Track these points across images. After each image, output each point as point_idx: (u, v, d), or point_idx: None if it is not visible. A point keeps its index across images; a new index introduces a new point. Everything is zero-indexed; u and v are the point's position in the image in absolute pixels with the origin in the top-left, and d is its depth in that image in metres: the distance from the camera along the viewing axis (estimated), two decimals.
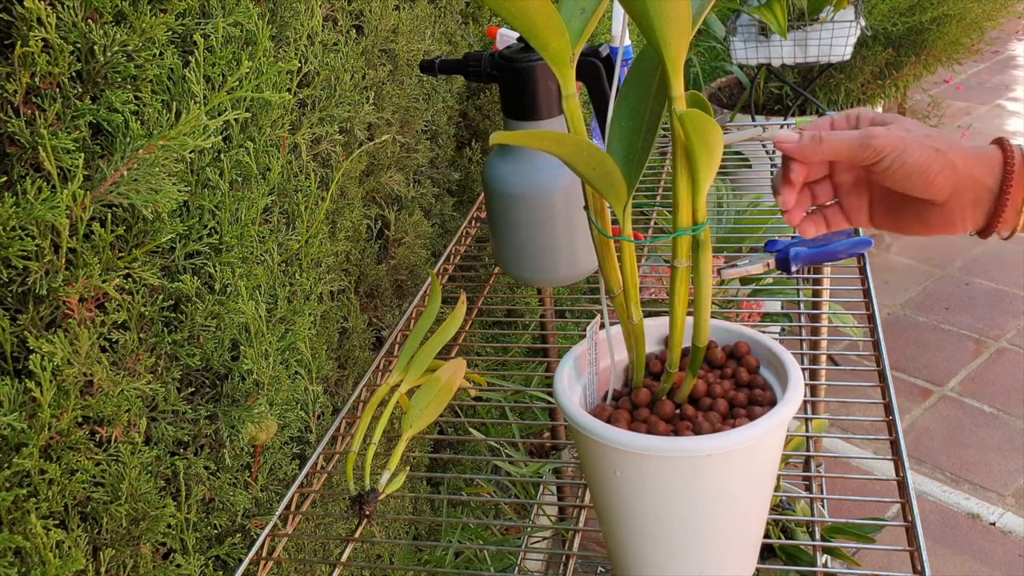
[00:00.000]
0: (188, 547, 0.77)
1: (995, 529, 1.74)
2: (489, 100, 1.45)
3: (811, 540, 0.72)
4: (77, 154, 0.62)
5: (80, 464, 0.66)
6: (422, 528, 1.37)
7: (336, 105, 0.97)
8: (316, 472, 0.82)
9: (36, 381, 0.61)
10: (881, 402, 0.81)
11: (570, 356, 0.61)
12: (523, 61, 0.90)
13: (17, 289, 0.62)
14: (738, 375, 0.60)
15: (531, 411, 1.59)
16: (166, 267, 0.76)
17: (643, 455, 0.52)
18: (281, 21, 0.89)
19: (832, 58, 2.20)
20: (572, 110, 0.51)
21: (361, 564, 0.84)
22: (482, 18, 1.45)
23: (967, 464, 1.90)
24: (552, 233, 0.95)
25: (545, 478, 1.53)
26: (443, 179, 1.36)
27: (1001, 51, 4.21)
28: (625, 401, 0.59)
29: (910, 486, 0.71)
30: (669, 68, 0.47)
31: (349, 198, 1.04)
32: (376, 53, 1.10)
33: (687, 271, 0.54)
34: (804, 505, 1.36)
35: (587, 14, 0.51)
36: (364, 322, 1.10)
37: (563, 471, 1.56)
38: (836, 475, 0.81)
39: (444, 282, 1.12)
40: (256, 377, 0.82)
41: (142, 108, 0.69)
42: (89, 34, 0.63)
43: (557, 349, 1.22)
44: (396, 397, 0.80)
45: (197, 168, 0.76)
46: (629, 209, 0.52)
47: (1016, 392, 2.07)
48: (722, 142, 0.48)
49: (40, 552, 0.60)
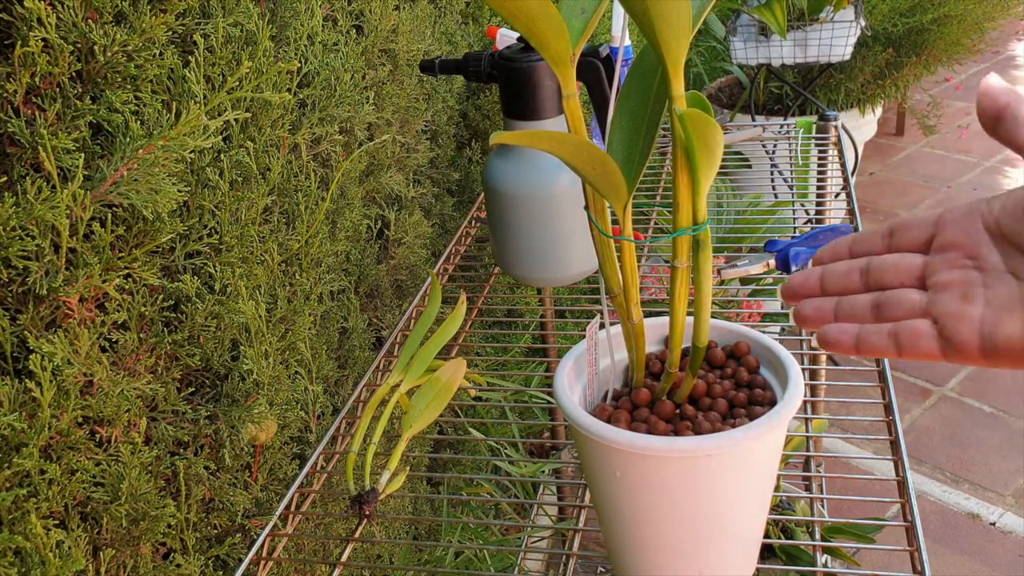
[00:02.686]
0: (188, 547, 0.77)
1: (995, 529, 1.74)
2: (489, 100, 1.45)
3: (811, 540, 0.72)
4: (77, 154, 0.62)
5: (80, 464, 0.66)
6: (422, 528, 1.37)
7: (336, 105, 0.97)
8: (316, 472, 0.82)
9: (36, 381, 0.61)
10: (881, 402, 0.81)
11: (570, 356, 0.61)
12: (523, 61, 0.90)
13: (17, 289, 0.62)
14: (738, 375, 0.60)
15: (531, 411, 1.59)
16: (166, 267, 0.76)
17: (643, 455, 0.52)
18: (281, 21, 0.89)
19: (832, 58, 2.20)
20: (572, 110, 0.51)
21: (361, 564, 0.84)
22: (482, 18, 1.45)
23: (967, 464, 1.90)
24: (552, 233, 0.95)
25: (545, 478, 1.53)
26: (443, 179, 1.36)
27: (1001, 51, 4.21)
28: (625, 401, 0.59)
29: (910, 486, 0.71)
30: (669, 68, 0.47)
31: (349, 198, 1.04)
32: (376, 53, 1.10)
33: (687, 271, 0.53)
34: (804, 505, 1.36)
35: (587, 14, 0.51)
36: (364, 322, 1.10)
37: (563, 471, 1.56)
38: (836, 475, 0.81)
39: (444, 282, 1.12)
40: (256, 377, 0.82)
41: (142, 108, 0.69)
42: (89, 34, 0.63)
43: (557, 349, 1.22)
44: (396, 397, 0.80)
45: (197, 168, 0.76)
46: (629, 209, 0.52)
47: (1016, 392, 2.07)
48: (722, 142, 0.48)
49: (40, 552, 0.60)
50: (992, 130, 0.41)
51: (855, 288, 0.45)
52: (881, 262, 0.44)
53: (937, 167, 3.21)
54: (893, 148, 3.40)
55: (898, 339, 0.41)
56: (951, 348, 0.40)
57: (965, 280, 0.40)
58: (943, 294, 0.41)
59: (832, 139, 1.39)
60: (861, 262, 0.45)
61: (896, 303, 0.42)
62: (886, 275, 0.44)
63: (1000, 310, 0.38)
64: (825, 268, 0.46)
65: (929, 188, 3.08)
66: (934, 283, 0.41)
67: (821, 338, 0.45)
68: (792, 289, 0.47)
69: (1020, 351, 0.38)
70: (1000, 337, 0.38)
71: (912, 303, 0.42)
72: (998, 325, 0.38)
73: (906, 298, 0.42)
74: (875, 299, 0.43)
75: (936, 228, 0.43)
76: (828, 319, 0.45)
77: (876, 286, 0.44)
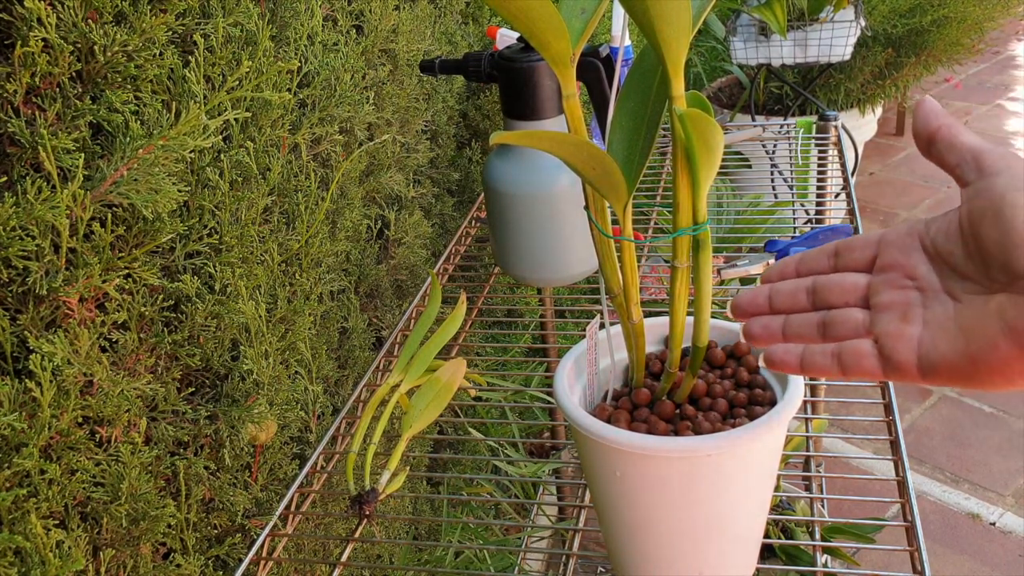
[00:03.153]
0: (188, 547, 0.77)
1: (995, 529, 1.74)
2: (489, 100, 1.45)
3: (811, 540, 0.72)
4: (77, 154, 0.62)
5: (80, 464, 0.66)
6: (422, 528, 1.37)
7: (336, 105, 0.97)
8: (316, 472, 0.82)
9: (36, 381, 0.61)
10: (881, 402, 0.81)
11: (570, 356, 0.61)
12: (523, 61, 0.90)
13: (17, 289, 0.62)
14: (738, 375, 0.60)
15: (531, 411, 1.59)
16: (166, 267, 0.76)
17: (643, 455, 0.52)
18: (281, 21, 0.89)
19: (832, 58, 2.21)
20: (572, 110, 0.51)
21: (361, 564, 0.84)
22: (482, 18, 1.45)
23: (967, 464, 1.90)
24: (552, 233, 0.95)
25: (545, 478, 1.53)
26: (443, 179, 1.36)
27: (1001, 51, 4.22)
28: (625, 401, 0.59)
29: (910, 486, 0.71)
30: (670, 68, 0.47)
31: (349, 198, 1.04)
32: (376, 53, 1.10)
33: (687, 271, 0.53)
34: (804, 505, 1.36)
35: (587, 14, 0.51)
36: (364, 322, 1.10)
37: (563, 471, 1.56)
38: (836, 475, 0.81)
39: (444, 282, 1.12)
40: (256, 377, 0.82)
41: (142, 108, 0.69)
42: (89, 34, 0.63)
43: (557, 349, 1.22)
44: (396, 397, 0.80)
45: (197, 168, 0.76)
46: (629, 209, 0.52)
47: (1016, 392, 2.07)
48: (722, 142, 0.48)
49: (40, 552, 0.60)
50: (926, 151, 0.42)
51: (802, 307, 0.46)
52: (827, 281, 0.45)
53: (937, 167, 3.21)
54: (893, 148, 3.40)
55: (841, 360, 0.43)
56: (890, 367, 0.41)
57: (905, 301, 0.41)
58: (884, 314, 0.42)
59: (832, 139, 1.39)
60: (807, 281, 0.46)
61: (841, 322, 0.43)
62: (832, 294, 0.45)
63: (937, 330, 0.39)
64: (773, 287, 0.47)
65: (929, 188, 3.08)
66: (876, 303, 0.42)
67: (768, 358, 0.46)
68: (741, 307, 0.48)
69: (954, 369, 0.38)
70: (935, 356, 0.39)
71: (856, 322, 0.43)
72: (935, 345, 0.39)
73: (851, 317, 0.43)
74: (822, 318, 0.45)
75: (878, 248, 0.44)
76: (776, 337, 0.46)
77: (822, 305, 0.45)
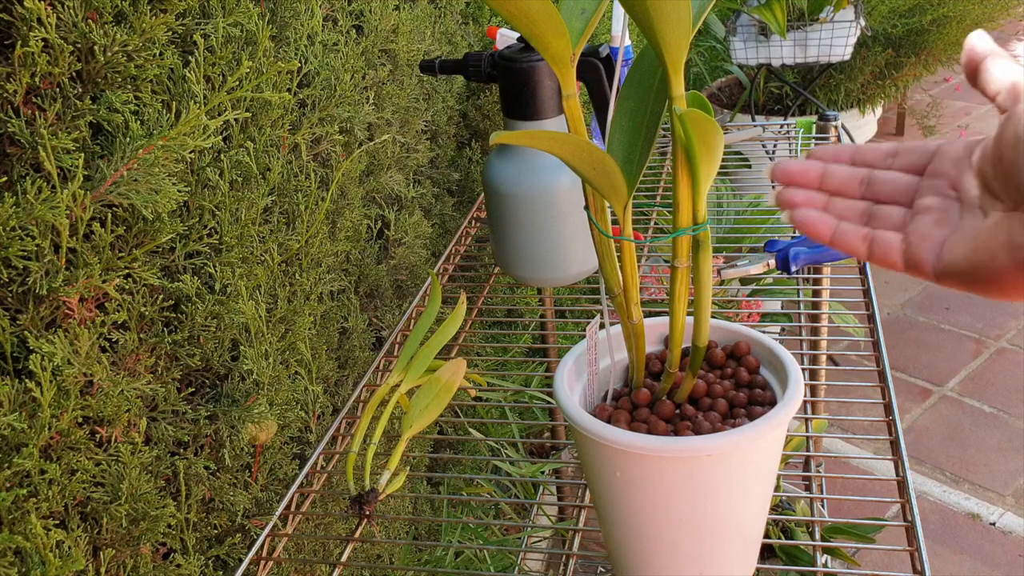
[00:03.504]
0: (188, 547, 0.77)
1: (995, 529, 1.74)
2: (489, 100, 1.45)
3: (811, 540, 0.72)
4: (77, 154, 0.62)
5: (80, 464, 0.66)
6: (422, 528, 1.37)
7: (336, 105, 0.97)
8: (316, 472, 0.82)
9: (36, 381, 0.61)
10: (881, 402, 0.81)
11: (570, 356, 0.61)
12: (523, 61, 0.90)
13: (17, 289, 0.62)
14: (738, 375, 0.60)
15: (531, 411, 1.59)
16: (166, 267, 0.76)
17: (643, 455, 0.52)
18: (281, 21, 0.89)
19: (832, 58, 2.21)
20: (572, 110, 0.51)
21: (361, 564, 0.84)
22: (482, 18, 1.45)
23: (967, 464, 1.90)
24: (552, 233, 0.95)
25: (545, 478, 1.53)
26: (443, 179, 1.36)
27: None
28: (625, 401, 0.59)
29: (910, 486, 0.71)
30: (670, 68, 0.47)
31: (349, 198, 1.04)
32: (376, 53, 1.10)
33: (687, 271, 0.53)
34: (804, 505, 1.36)
35: (587, 14, 0.51)
36: (364, 322, 1.10)
37: (563, 471, 1.56)
38: (836, 475, 0.81)
39: (444, 282, 1.12)
40: (256, 377, 0.82)
41: (142, 108, 0.69)
42: (89, 34, 0.63)
43: (557, 349, 1.22)
44: (396, 397, 0.80)
45: (197, 168, 0.76)
46: (629, 209, 0.52)
47: (1016, 392, 2.07)
48: (722, 142, 0.48)
49: (40, 552, 0.60)
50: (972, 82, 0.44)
51: (853, 194, 0.47)
52: (883, 175, 0.47)
53: None
54: None
55: (871, 245, 0.45)
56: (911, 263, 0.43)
57: (943, 207, 0.43)
58: (922, 215, 0.44)
59: (832, 139, 1.39)
60: (862, 172, 0.47)
61: (885, 216, 0.45)
62: (884, 189, 0.46)
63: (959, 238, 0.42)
64: (827, 167, 0.48)
65: None
66: (918, 205, 0.45)
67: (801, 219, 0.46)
68: (789, 173, 0.47)
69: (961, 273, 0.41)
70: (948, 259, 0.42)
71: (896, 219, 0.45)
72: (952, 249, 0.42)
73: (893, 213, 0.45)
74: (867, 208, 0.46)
75: (933, 156, 0.46)
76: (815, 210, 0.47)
77: (871, 196, 0.47)
